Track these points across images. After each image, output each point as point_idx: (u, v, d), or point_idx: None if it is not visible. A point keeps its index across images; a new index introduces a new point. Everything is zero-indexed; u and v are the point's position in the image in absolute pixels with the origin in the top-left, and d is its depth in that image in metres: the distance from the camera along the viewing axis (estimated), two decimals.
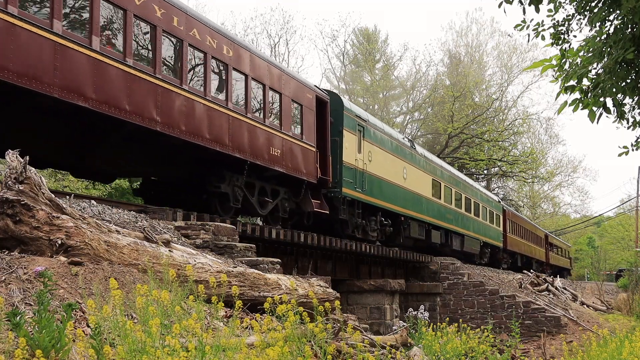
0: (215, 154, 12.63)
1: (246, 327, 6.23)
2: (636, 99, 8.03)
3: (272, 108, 14.82)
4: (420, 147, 25.92)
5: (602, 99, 7.62)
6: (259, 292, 7.78)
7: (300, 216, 16.59)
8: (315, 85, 17.27)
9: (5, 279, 5.39)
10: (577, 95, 7.80)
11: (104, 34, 10.19)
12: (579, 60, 7.84)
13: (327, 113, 17.26)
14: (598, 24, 7.74)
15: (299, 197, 15.95)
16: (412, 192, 22.63)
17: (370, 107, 45.85)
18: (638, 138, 8.74)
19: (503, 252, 36.80)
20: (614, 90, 7.50)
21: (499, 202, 37.69)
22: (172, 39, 11.63)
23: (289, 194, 15.75)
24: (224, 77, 13.09)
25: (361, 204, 18.58)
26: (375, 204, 19.44)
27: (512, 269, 38.66)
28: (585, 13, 7.96)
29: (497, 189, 57.10)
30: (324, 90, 18.10)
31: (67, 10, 9.68)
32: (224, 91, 13.02)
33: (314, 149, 16.31)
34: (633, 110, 8.26)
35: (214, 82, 12.86)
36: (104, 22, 10.20)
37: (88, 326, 4.99)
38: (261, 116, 14.26)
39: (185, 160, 13.04)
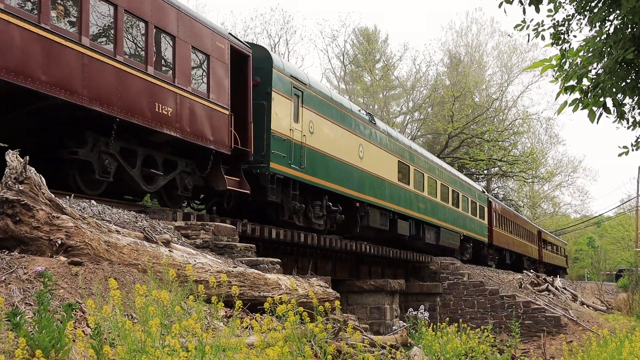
0: (64, 107, 9.55)
1: (246, 327, 6.23)
2: (636, 99, 8.03)
3: (160, 54, 11.52)
4: (383, 123, 22.03)
5: (602, 99, 7.62)
6: (259, 292, 7.78)
7: (220, 198, 13.66)
8: (231, 34, 13.95)
9: (5, 279, 5.39)
10: (577, 95, 7.80)
11: None
12: (579, 60, 7.84)
13: (249, 70, 13.87)
14: (598, 24, 7.74)
15: (205, 171, 12.76)
16: (371, 174, 19.21)
17: (370, 107, 45.86)
18: (638, 138, 8.74)
19: (488, 248, 33.89)
20: (614, 90, 7.50)
21: (484, 192, 34.55)
22: None
23: (192, 167, 12.60)
24: (76, 3, 9.81)
25: (299, 184, 15.30)
26: (319, 185, 16.14)
27: (499, 266, 36.53)
28: (585, 13, 7.96)
29: (497, 189, 57.14)
30: (246, 42, 14.58)
31: None
32: (77, 22, 9.71)
33: (226, 112, 12.89)
34: (633, 110, 8.27)
35: (59, 7, 9.69)
36: None
37: (88, 326, 4.99)
38: (141, 62, 10.89)
39: (32, 118, 9.98)
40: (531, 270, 36.69)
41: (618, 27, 7.55)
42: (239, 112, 13.48)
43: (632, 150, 8.63)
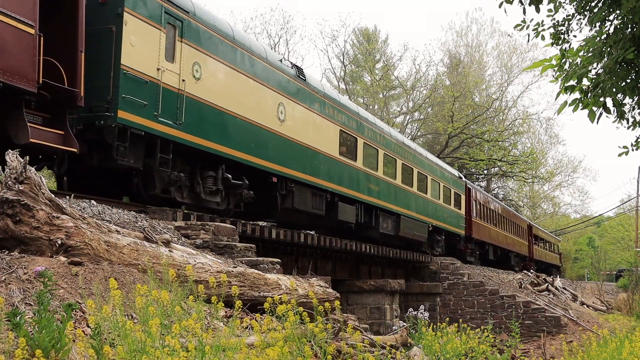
0: None
1: (246, 327, 6.23)
2: (636, 99, 8.03)
3: None
4: (319, 81, 17.67)
5: (602, 99, 7.62)
6: (259, 292, 7.78)
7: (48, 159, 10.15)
8: None
9: (5, 279, 5.39)
10: (577, 95, 7.80)
11: None
12: (579, 60, 7.84)
13: None
14: (598, 24, 7.74)
15: None
16: (298, 143, 15.24)
17: (370, 107, 45.85)
18: (638, 138, 8.74)
19: (467, 242, 29.84)
20: (614, 90, 7.50)
21: (460, 177, 30.14)
22: None
23: None
24: None
25: (174, 146, 11.61)
26: (211, 150, 12.32)
27: (482, 262, 32.92)
28: (585, 13, 7.96)
29: (497, 189, 57.15)
30: None
31: None
32: None
33: (30, 30, 8.90)
34: (633, 110, 8.26)
35: None
36: None
37: (88, 326, 4.99)
38: None
39: None
40: (526, 271, 36.57)
41: (618, 27, 7.55)
42: (52, 33, 9.49)
43: (632, 150, 8.63)
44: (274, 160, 14.29)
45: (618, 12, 7.42)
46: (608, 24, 7.73)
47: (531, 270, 37.19)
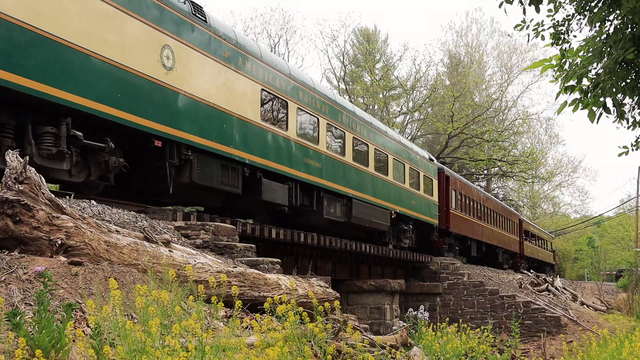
0: None
1: (246, 327, 6.23)
2: (636, 99, 8.03)
3: None
4: (230, 28, 13.77)
5: (602, 99, 7.62)
6: (259, 292, 7.78)
7: None
8: None
9: (5, 279, 5.39)
10: (577, 95, 7.81)
11: None
12: (578, 60, 7.85)
13: None
14: (598, 24, 7.74)
15: None
16: (194, 99, 11.90)
17: (370, 107, 45.85)
18: (638, 138, 8.74)
19: (442, 234, 26.47)
20: (614, 90, 7.51)
21: (432, 160, 26.23)
22: None
23: None
24: None
25: None
26: (43, 96, 8.98)
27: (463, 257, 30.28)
28: (585, 13, 7.97)
29: (497, 189, 57.15)
30: None
31: None
32: None
33: None
34: (633, 110, 8.27)
35: None
36: None
37: (88, 326, 4.99)
38: None
39: None
40: (526, 272, 36.51)
41: (618, 27, 7.56)
42: None
43: (632, 150, 8.63)
44: (157, 118, 10.95)
45: (618, 12, 7.42)
46: (608, 24, 7.73)
47: (531, 271, 37.19)
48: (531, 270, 37.78)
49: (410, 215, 22.58)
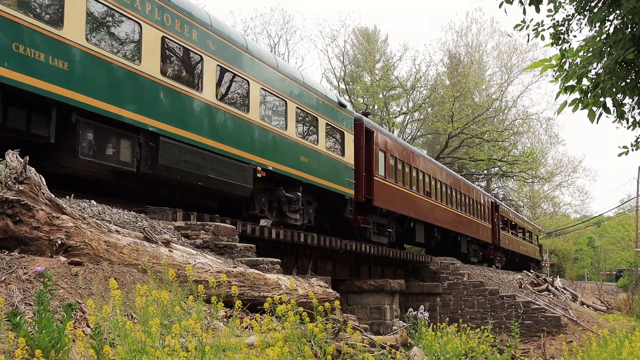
0: None
1: (246, 327, 6.23)
2: (636, 99, 8.03)
3: None
4: None
5: (602, 99, 7.62)
6: (259, 292, 7.78)
7: None
8: None
9: (5, 279, 5.39)
10: (577, 95, 7.81)
11: None
12: (578, 60, 7.85)
13: None
14: (598, 24, 7.74)
15: None
16: None
17: (370, 107, 45.85)
18: (638, 138, 8.74)
19: (363, 211, 19.45)
20: (614, 90, 7.51)
21: (343, 106, 18.74)
22: None
23: None
24: None
25: None
26: None
27: (399, 243, 24.21)
28: (585, 13, 7.97)
29: (497, 189, 57.16)
30: None
31: None
32: None
33: None
34: (633, 110, 8.26)
35: None
36: None
37: (88, 326, 4.99)
38: None
39: None
40: (531, 271, 36.30)
41: (618, 27, 7.55)
42: None
43: (632, 150, 8.63)
44: None
45: (618, 12, 7.42)
46: (608, 24, 7.73)
47: (531, 271, 37.13)
48: (531, 270, 37.72)
49: (300, 177, 15.69)
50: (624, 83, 7.51)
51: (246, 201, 14.35)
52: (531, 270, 37.18)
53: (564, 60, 7.92)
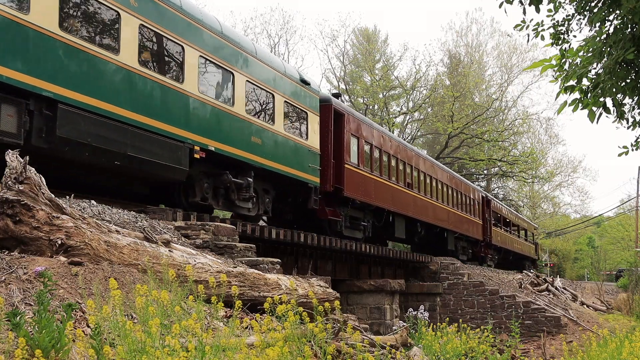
0: None
1: (246, 327, 6.23)
2: (636, 99, 8.03)
3: None
4: None
5: (602, 99, 7.62)
6: (259, 292, 7.78)
7: None
8: None
9: (5, 279, 5.39)
10: (577, 95, 7.81)
11: None
12: (578, 60, 7.85)
13: None
14: (598, 24, 7.74)
15: None
16: None
17: (370, 107, 45.85)
18: (638, 138, 8.74)
19: (331, 201, 17.54)
20: (614, 90, 7.51)
21: (306, 83, 16.48)
22: None
23: None
24: None
25: None
26: None
27: (374, 239, 21.08)
28: (585, 13, 7.97)
29: (497, 189, 57.15)
30: None
31: None
32: None
33: None
34: (633, 110, 8.26)
35: None
36: None
37: (88, 326, 4.99)
38: None
39: None
40: (531, 271, 36.26)
41: (618, 27, 7.55)
42: None
43: (632, 150, 8.63)
44: None
45: (618, 12, 7.42)
46: (608, 24, 7.73)
47: (531, 270, 37.14)
48: (531, 270, 37.71)
49: (251, 161, 13.71)
50: (624, 83, 7.51)
51: (185, 187, 12.51)
52: (531, 271, 37.18)
53: (564, 60, 7.93)
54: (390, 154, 21.49)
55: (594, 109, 7.70)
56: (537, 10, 7.89)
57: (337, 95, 19.97)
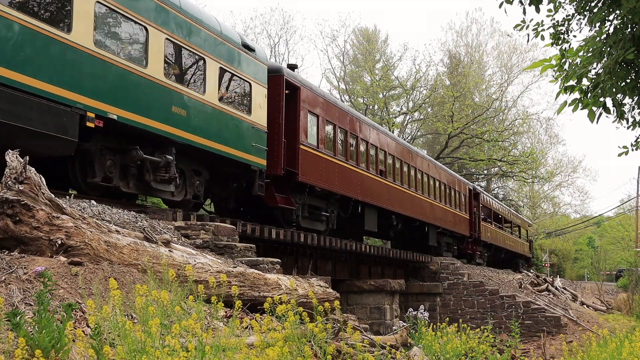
0: None
1: (246, 327, 6.23)
2: (636, 99, 8.03)
3: None
4: None
5: (602, 99, 7.63)
6: (259, 292, 7.78)
7: None
8: None
9: (5, 279, 5.39)
10: (576, 95, 7.81)
11: None
12: (578, 60, 7.85)
13: None
14: (598, 24, 7.74)
15: None
16: None
17: (370, 107, 45.86)
18: (638, 138, 8.74)
19: (284, 187, 15.48)
20: (614, 90, 7.51)
21: (250, 49, 14.11)
22: None
23: None
24: None
25: None
26: None
27: (348, 231, 19.63)
28: (585, 13, 7.97)
29: (497, 189, 57.15)
30: None
31: None
32: None
33: None
34: (633, 110, 8.27)
35: None
36: None
37: (88, 326, 4.99)
38: None
39: None
40: (531, 271, 36.19)
41: (618, 27, 7.56)
42: None
43: (632, 150, 8.63)
44: None
45: (618, 12, 7.42)
46: (608, 24, 7.73)
47: (531, 270, 37.11)
48: (531, 270, 37.69)
49: (171, 135, 11.54)
50: (624, 83, 7.51)
51: (81, 164, 10.32)
52: (531, 271, 37.16)
53: (564, 60, 7.93)
54: (359, 137, 19.12)
55: (594, 109, 7.70)
56: (537, 10, 7.89)
57: (292, 67, 17.09)
